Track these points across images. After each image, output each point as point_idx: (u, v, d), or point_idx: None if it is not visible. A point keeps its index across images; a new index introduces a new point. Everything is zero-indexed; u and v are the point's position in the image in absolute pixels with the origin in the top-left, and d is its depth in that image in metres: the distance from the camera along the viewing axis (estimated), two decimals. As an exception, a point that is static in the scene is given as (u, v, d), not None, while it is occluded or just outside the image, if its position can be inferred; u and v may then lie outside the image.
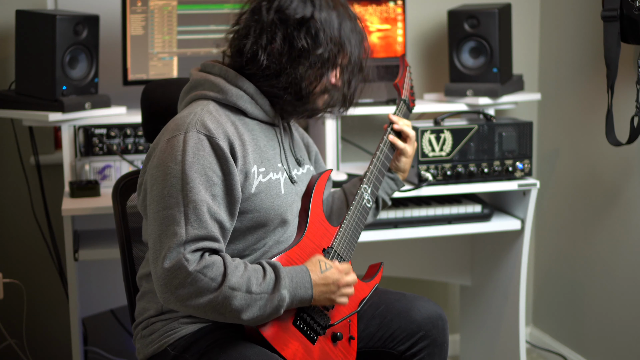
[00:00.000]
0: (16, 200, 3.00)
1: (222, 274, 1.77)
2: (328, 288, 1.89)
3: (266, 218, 1.91)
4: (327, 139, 2.82)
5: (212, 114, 1.87)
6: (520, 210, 2.89)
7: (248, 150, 1.89)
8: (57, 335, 3.10)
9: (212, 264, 1.76)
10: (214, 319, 1.81)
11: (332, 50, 1.91)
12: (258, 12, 1.90)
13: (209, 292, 1.75)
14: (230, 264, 1.79)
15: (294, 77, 1.89)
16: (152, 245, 1.79)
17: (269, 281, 1.81)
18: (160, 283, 1.76)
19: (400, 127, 2.25)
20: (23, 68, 2.61)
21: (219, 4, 2.82)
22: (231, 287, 1.76)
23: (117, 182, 2.13)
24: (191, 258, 1.75)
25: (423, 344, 2.07)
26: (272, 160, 1.96)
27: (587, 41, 3.07)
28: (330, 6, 1.92)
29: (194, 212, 1.77)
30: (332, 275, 1.90)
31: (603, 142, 2.83)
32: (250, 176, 1.88)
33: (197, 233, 1.77)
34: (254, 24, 1.90)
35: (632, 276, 2.91)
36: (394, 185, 2.30)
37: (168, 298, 1.77)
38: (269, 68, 1.89)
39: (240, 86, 1.92)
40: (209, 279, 1.75)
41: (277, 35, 1.88)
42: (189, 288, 1.74)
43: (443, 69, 3.22)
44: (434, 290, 3.48)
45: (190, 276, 1.74)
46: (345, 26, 1.93)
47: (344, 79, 1.97)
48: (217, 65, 1.96)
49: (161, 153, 1.83)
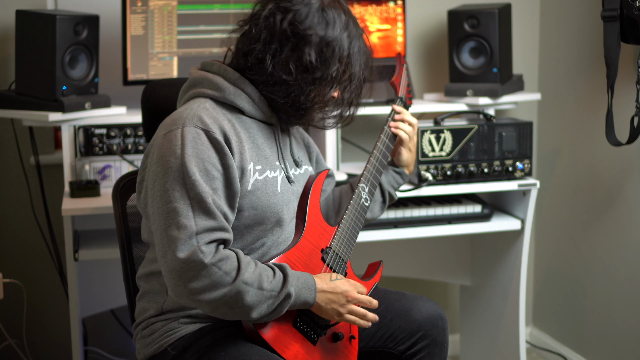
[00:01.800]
0: (16, 200, 3.00)
1: (236, 268, 1.76)
2: (336, 297, 1.88)
3: (262, 216, 1.91)
4: (327, 139, 2.82)
5: (208, 110, 1.87)
6: (520, 210, 2.89)
7: (245, 147, 1.89)
8: (57, 335, 3.10)
9: (227, 257, 1.76)
10: (222, 314, 1.80)
11: (339, 70, 1.91)
12: (272, 19, 1.89)
13: (222, 286, 1.75)
14: (243, 259, 1.79)
15: (296, 90, 1.90)
16: (158, 240, 1.78)
17: (278, 279, 1.81)
18: (173, 275, 1.75)
19: (402, 117, 2.27)
20: (23, 68, 2.61)
21: (219, 4, 2.83)
22: (245, 282, 1.75)
23: (117, 182, 2.13)
24: (206, 250, 1.74)
25: (423, 344, 2.07)
26: (270, 158, 1.96)
27: (587, 41, 3.07)
28: (342, 25, 1.92)
29: (199, 205, 1.77)
30: (342, 286, 1.90)
31: (603, 142, 2.83)
32: (246, 173, 1.88)
33: (207, 224, 1.76)
34: (265, 30, 1.89)
35: (632, 276, 2.91)
36: (400, 178, 2.30)
37: (180, 291, 1.75)
38: (272, 76, 1.89)
39: (239, 86, 1.92)
40: (224, 272, 1.75)
41: (287, 47, 1.87)
42: (203, 281, 1.73)
43: (443, 69, 3.22)
44: (434, 290, 3.48)
45: (205, 268, 1.73)
46: (354, 46, 1.93)
47: (344, 97, 1.97)
48: (217, 64, 1.96)
49: (160, 148, 1.83)
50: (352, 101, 1.99)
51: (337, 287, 1.89)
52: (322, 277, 1.89)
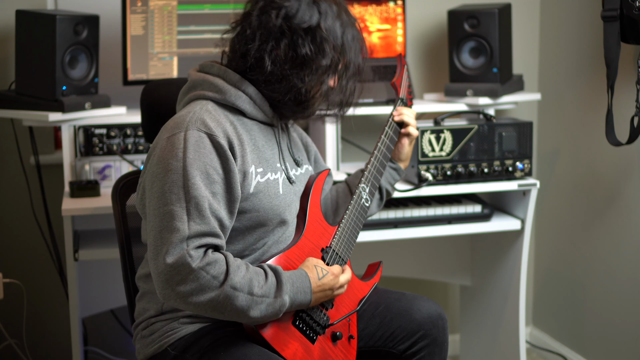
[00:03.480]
0: (16, 200, 3.00)
1: (224, 272, 1.76)
2: (324, 294, 1.92)
3: (265, 218, 1.91)
4: (327, 139, 2.82)
5: (211, 113, 1.87)
6: (520, 210, 2.89)
7: (246, 150, 1.89)
8: (57, 335, 3.10)
9: (215, 261, 1.76)
10: (214, 316, 1.81)
11: (334, 58, 1.93)
12: (266, 17, 1.89)
13: (210, 290, 1.75)
14: (232, 263, 1.79)
15: (296, 83, 1.90)
16: (152, 241, 1.78)
17: (271, 285, 1.81)
18: (161, 279, 1.75)
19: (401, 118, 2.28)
20: (23, 68, 2.61)
21: (219, 4, 2.83)
22: (233, 287, 1.76)
23: (116, 182, 2.13)
24: (194, 254, 1.74)
25: (423, 344, 2.07)
26: (271, 160, 1.96)
27: (587, 41, 3.07)
28: (334, 14, 1.93)
29: (195, 208, 1.77)
30: (329, 282, 1.92)
31: (603, 142, 2.83)
32: (248, 176, 1.88)
33: (199, 229, 1.76)
34: (260, 29, 1.89)
35: (632, 276, 2.91)
36: (397, 175, 2.31)
37: (168, 294, 1.76)
38: (273, 74, 1.89)
39: (240, 87, 1.92)
40: (211, 276, 1.75)
41: (282, 42, 1.88)
42: (191, 285, 1.74)
43: (443, 69, 3.22)
44: (434, 290, 3.48)
45: (192, 273, 1.73)
46: (348, 34, 1.95)
47: (342, 84, 1.98)
48: (216, 66, 1.96)
49: (161, 150, 1.83)
50: (350, 89, 2.00)
51: (324, 285, 1.91)
52: (312, 276, 1.90)
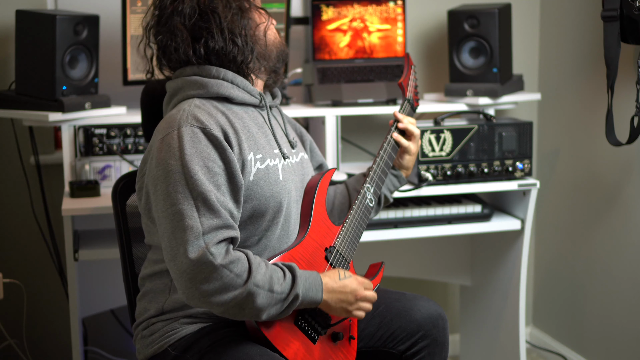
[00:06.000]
0: (16, 200, 3.00)
1: (247, 270, 1.77)
2: (345, 297, 1.90)
3: (265, 205, 1.91)
4: (327, 139, 2.82)
5: (200, 108, 1.88)
6: (520, 210, 2.90)
7: (242, 138, 1.89)
8: (57, 335, 3.10)
9: (238, 259, 1.76)
10: (232, 315, 1.80)
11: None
12: (180, 7, 1.91)
13: (233, 289, 1.75)
14: (254, 260, 1.79)
15: (244, 40, 1.92)
16: (167, 244, 1.78)
17: (288, 281, 1.81)
18: (184, 278, 1.74)
19: (405, 126, 2.26)
20: (23, 68, 2.61)
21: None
22: (256, 285, 1.76)
23: (116, 182, 2.13)
24: (216, 252, 1.74)
25: (423, 344, 2.07)
26: (267, 146, 1.97)
27: (587, 41, 3.07)
28: None
29: (204, 204, 1.77)
30: (351, 284, 1.90)
31: (603, 142, 2.83)
32: (247, 164, 1.88)
33: (212, 223, 1.76)
34: (184, 19, 1.92)
35: (632, 276, 2.91)
36: (397, 182, 2.31)
37: (192, 294, 1.75)
38: (226, 47, 1.92)
39: (218, 76, 1.93)
40: (235, 274, 1.75)
41: (212, 17, 1.90)
42: (214, 283, 1.74)
43: (443, 69, 3.22)
44: (434, 290, 3.48)
45: (216, 271, 1.73)
46: None
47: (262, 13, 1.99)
48: (187, 67, 1.96)
49: (158, 152, 1.83)
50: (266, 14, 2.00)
51: (346, 286, 1.90)
52: (331, 276, 1.89)
